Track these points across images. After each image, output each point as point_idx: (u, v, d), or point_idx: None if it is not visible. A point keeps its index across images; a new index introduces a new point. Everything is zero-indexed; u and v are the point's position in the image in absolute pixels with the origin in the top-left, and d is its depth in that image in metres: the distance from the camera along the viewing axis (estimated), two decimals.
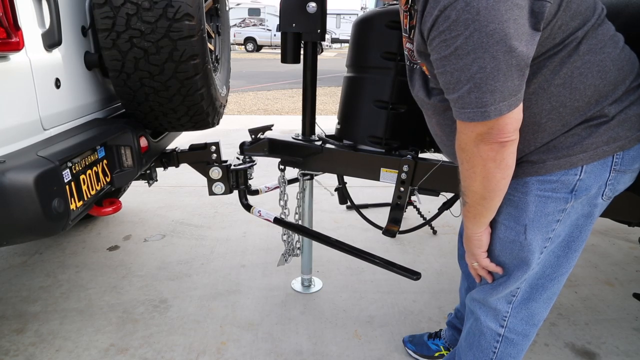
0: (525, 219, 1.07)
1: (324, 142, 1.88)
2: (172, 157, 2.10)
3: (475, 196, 1.03)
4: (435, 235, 2.84)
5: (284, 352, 1.80)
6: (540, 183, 1.04)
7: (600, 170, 1.01)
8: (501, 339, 1.25)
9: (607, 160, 1.00)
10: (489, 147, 0.93)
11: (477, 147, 0.95)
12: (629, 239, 2.84)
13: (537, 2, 0.85)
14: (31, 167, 1.14)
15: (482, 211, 1.07)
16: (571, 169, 1.01)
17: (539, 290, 1.18)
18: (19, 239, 1.22)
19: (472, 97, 0.89)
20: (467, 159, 0.98)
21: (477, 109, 0.89)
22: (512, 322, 1.22)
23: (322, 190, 3.35)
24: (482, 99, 0.88)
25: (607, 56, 0.96)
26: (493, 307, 1.23)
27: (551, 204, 1.05)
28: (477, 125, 0.92)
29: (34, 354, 1.75)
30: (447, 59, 0.89)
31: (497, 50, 0.83)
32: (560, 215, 1.06)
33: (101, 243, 2.66)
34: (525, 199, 1.06)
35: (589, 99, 0.97)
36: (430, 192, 1.80)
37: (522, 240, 1.09)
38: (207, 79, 1.67)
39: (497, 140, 0.92)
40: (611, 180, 1.03)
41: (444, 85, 0.95)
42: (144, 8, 1.43)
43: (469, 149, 0.97)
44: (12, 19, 1.19)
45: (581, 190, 1.03)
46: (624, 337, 1.93)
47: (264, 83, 10.75)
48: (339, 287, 2.26)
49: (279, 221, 1.96)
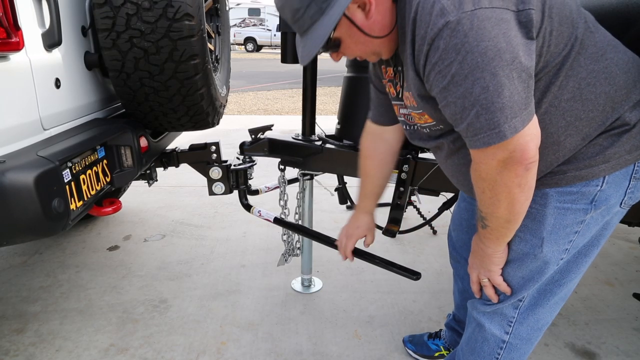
0: (543, 231, 1.04)
1: (324, 142, 1.88)
2: (172, 157, 2.10)
3: (499, 221, 1.00)
4: (435, 235, 2.84)
5: (284, 352, 1.80)
6: (560, 195, 1.00)
7: (621, 179, 0.99)
8: (505, 346, 1.22)
9: (628, 169, 0.98)
10: (514, 173, 0.89)
11: (501, 175, 0.90)
12: (629, 239, 2.84)
13: (522, 12, 0.84)
14: (31, 167, 1.14)
15: (506, 233, 1.03)
16: (593, 179, 0.98)
17: (547, 296, 1.14)
18: (19, 239, 1.22)
19: (482, 120, 0.85)
20: (490, 188, 0.94)
21: (490, 131, 0.85)
22: (518, 329, 1.19)
23: (322, 190, 3.35)
24: (493, 120, 0.84)
25: (610, 62, 0.94)
26: (499, 314, 1.20)
27: (570, 215, 1.01)
28: (497, 150, 0.87)
29: (34, 354, 1.75)
30: (447, 90, 0.87)
31: (494, 66, 0.81)
32: (579, 227, 1.03)
33: (101, 243, 2.66)
34: (543, 211, 1.02)
35: (603, 107, 0.94)
36: (430, 192, 1.81)
37: (538, 253, 1.06)
38: (207, 79, 1.67)
39: (522, 164, 0.88)
40: (631, 188, 1.01)
41: (451, 118, 0.92)
42: (144, 8, 1.43)
43: (490, 178, 0.92)
44: (12, 19, 1.19)
45: (601, 200, 1.00)
46: (624, 337, 1.93)
47: (264, 83, 10.75)
48: (339, 287, 2.26)
49: (279, 221, 1.96)
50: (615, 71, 0.94)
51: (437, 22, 0.83)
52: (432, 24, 0.84)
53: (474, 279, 1.18)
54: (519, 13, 0.84)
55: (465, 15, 0.81)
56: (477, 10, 0.81)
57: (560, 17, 0.90)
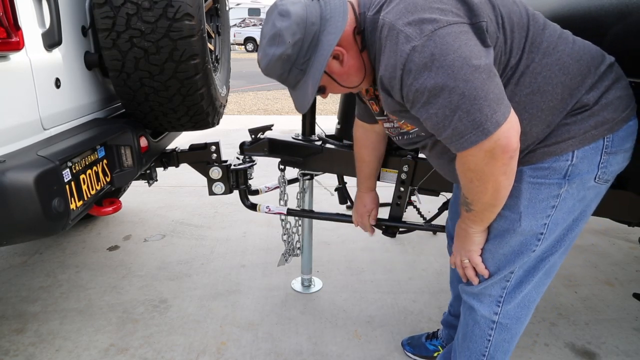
0: (520, 206, 1.09)
1: (324, 142, 1.88)
2: (172, 157, 2.09)
3: (484, 205, 1.07)
4: (435, 235, 2.84)
5: (284, 352, 1.80)
6: (532, 170, 1.07)
7: (592, 154, 1.04)
8: (495, 326, 1.26)
9: (598, 143, 1.04)
10: (500, 162, 0.96)
11: (488, 165, 0.97)
12: (629, 239, 2.84)
13: (475, 25, 0.93)
14: (31, 166, 1.14)
15: (490, 215, 1.11)
16: (562, 154, 1.04)
17: (532, 272, 1.19)
18: (19, 238, 1.22)
19: (465, 122, 0.92)
20: (478, 178, 1.01)
21: (475, 130, 0.92)
22: (506, 308, 1.23)
23: (322, 190, 3.35)
24: (475, 120, 0.91)
25: (562, 53, 1.02)
26: (487, 294, 1.24)
27: (545, 189, 1.07)
28: (483, 144, 0.94)
29: (34, 354, 1.75)
30: (427, 104, 0.95)
31: (464, 73, 0.89)
32: (555, 201, 1.08)
33: (101, 243, 2.66)
34: (519, 187, 1.08)
35: (562, 96, 1.02)
36: (430, 192, 1.81)
37: (517, 227, 1.11)
38: (207, 79, 1.67)
39: (507, 153, 0.95)
40: (603, 162, 1.06)
41: (433, 128, 0.99)
42: (144, 8, 1.42)
43: (479, 169, 0.99)
44: (12, 19, 1.19)
45: (574, 174, 1.05)
46: (624, 337, 1.93)
47: (264, 83, 10.75)
48: (339, 287, 2.26)
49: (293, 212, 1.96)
50: (568, 61, 1.02)
51: (404, 48, 0.92)
52: (400, 52, 0.92)
53: (457, 262, 1.24)
54: (473, 25, 0.93)
55: (428, 37, 0.90)
56: (437, 30, 0.90)
57: (511, 25, 1.00)
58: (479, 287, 1.24)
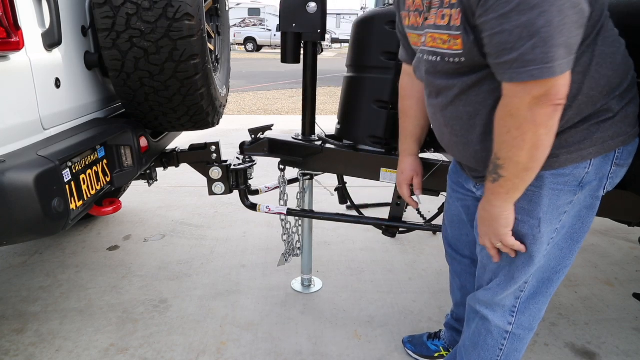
0: (540, 212, 1.08)
1: (324, 142, 1.88)
2: (172, 157, 2.09)
3: (517, 168, 0.98)
4: (435, 235, 2.84)
5: (284, 352, 1.80)
6: (554, 177, 1.06)
7: (604, 163, 1.06)
8: (508, 336, 1.26)
9: (610, 154, 1.06)
10: (544, 110, 0.90)
11: (532, 111, 0.90)
12: (629, 239, 2.84)
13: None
14: (31, 166, 1.14)
15: (519, 185, 1.02)
16: (582, 162, 1.04)
17: (546, 284, 1.20)
18: (19, 238, 1.22)
19: (537, 52, 0.85)
20: (517, 126, 0.93)
21: (542, 64, 0.85)
22: (520, 318, 1.24)
23: (322, 190, 3.34)
24: (549, 54, 0.85)
25: (617, 50, 1.01)
26: (501, 305, 1.24)
27: (563, 196, 1.08)
28: (535, 86, 0.88)
29: (34, 354, 1.75)
30: (506, 17, 0.86)
31: (562, 4, 0.82)
32: (568, 207, 1.10)
33: (101, 243, 2.66)
34: (540, 193, 1.07)
35: (602, 89, 1.00)
36: (430, 192, 1.80)
37: (537, 233, 1.10)
38: (207, 79, 1.67)
39: (554, 103, 0.89)
40: (612, 173, 1.08)
41: (497, 46, 0.89)
42: (144, 8, 1.42)
43: (521, 115, 0.92)
44: (12, 19, 1.19)
45: (587, 182, 1.07)
46: (624, 337, 1.93)
47: (264, 83, 10.75)
48: (339, 287, 2.26)
49: (293, 212, 1.96)
50: (619, 60, 1.01)
51: None
52: None
53: (488, 245, 1.16)
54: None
55: None
56: None
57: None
58: (493, 296, 1.24)
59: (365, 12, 1.92)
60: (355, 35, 1.80)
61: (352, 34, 1.84)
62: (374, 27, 1.72)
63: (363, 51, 1.77)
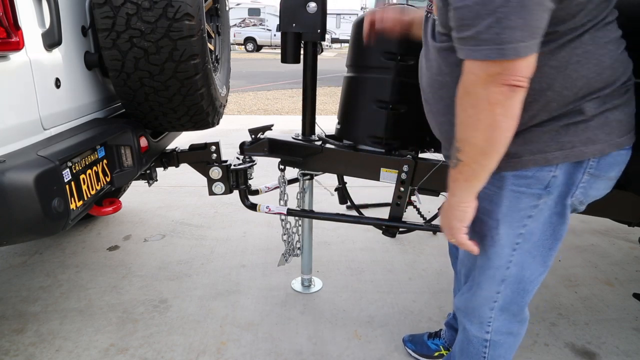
0: (499, 213, 1.07)
1: (324, 142, 1.88)
2: (172, 157, 2.09)
3: (474, 150, 0.94)
4: (435, 235, 2.84)
5: (284, 352, 1.80)
6: (516, 178, 1.03)
7: (574, 171, 1.00)
8: (489, 344, 1.24)
9: (582, 162, 0.99)
10: (499, 89, 0.86)
11: (486, 89, 0.87)
12: (629, 239, 2.84)
13: None
14: (31, 166, 1.14)
15: (478, 171, 0.97)
16: (546, 165, 1.00)
17: (521, 294, 1.16)
18: (19, 238, 1.22)
19: (492, 32, 0.82)
20: (473, 105, 0.90)
21: (494, 46, 0.83)
22: (497, 326, 1.21)
23: (322, 190, 3.34)
24: (502, 35, 0.82)
25: (607, 53, 0.94)
26: (477, 315, 1.23)
27: (525, 199, 1.04)
28: (490, 65, 0.85)
29: (34, 354, 1.75)
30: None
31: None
32: (532, 211, 1.05)
33: (101, 243, 2.66)
34: (500, 194, 1.06)
35: (578, 90, 0.95)
36: (430, 192, 1.81)
37: (495, 235, 1.09)
38: (207, 79, 1.67)
39: (509, 82, 0.85)
40: (583, 183, 1.02)
41: (458, 21, 0.88)
42: (144, 8, 1.42)
43: (476, 92, 0.89)
44: (12, 19, 1.19)
45: (554, 186, 1.02)
46: (624, 337, 1.93)
47: (264, 83, 10.75)
48: (339, 287, 2.26)
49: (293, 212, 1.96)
50: (607, 64, 0.94)
51: None
52: None
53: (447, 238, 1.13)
54: None
55: None
56: None
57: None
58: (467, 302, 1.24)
59: (365, 12, 1.92)
60: (355, 35, 1.80)
61: (352, 34, 1.84)
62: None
63: (363, 51, 1.77)
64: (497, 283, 1.15)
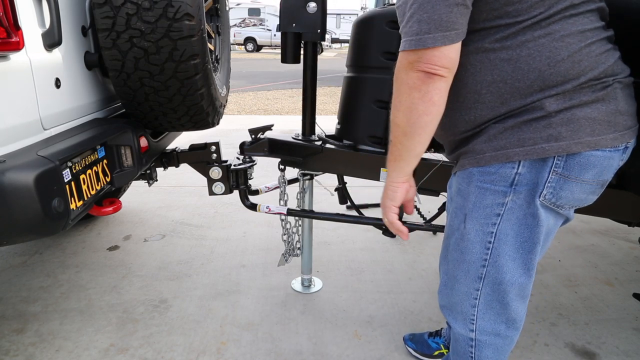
0: (466, 208, 1.10)
1: (324, 142, 1.88)
2: (172, 157, 2.10)
3: (397, 131, 1.03)
4: (435, 235, 2.84)
5: (284, 352, 1.80)
6: (481, 174, 1.05)
7: (539, 168, 0.99)
8: (474, 343, 1.22)
9: (547, 160, 0.98)
10: (416, 74, 0.95)
11: (406, 74, 0.97)
12: (629, 239, 2.84)
13: None
14: (31, 166, 1.14)
15: (402, 152, 1.05)
16: (508, 162, 1.00)
17: (502, 294, 1.13)
18: (19, 238, 1.22)
19: (408, 26, 0.95)
20: (397, 88, 1.01)
21: (409, 37, 0.94)
22: (481, 324, 1.19)
23: (322, 190, 3.34)
24: (413, 28, 0.93)
25: (565, 46, 0.93)
26: (459, 310, 1.21)
27: (490, 195, 1.05)
28: (409, 53, 0.95)
29: (34, 354, 1.75)
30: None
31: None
32: (500, 209, 1.05)
33: (101, 243, 2.66)
34: (467, 189, 1.09)
35: (531, 82, 0.95)
36: (430, 192, 1.81)
37: (462, 229, 1.12)
38: (207, 79, 1.67)
39: (424, 69, 0.94)
40: (551, 182, 0.99)
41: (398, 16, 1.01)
42: (144, 8, 1.43)
43: (399, 77, 0.99)
44: (12, 19, 1.19)
45: (521, 184, 1.01)
46: (624, 337, 1.93)
47: (264, 83, 10.75)
48: (339, 287, 2.26)
49: (293, 212, 1.95)
50: (564, 56, 0.94)
51: None
52: None
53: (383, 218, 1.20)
54: None
55: None
56: None
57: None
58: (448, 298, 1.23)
59: (365, 12, 1.92)
60: (355, 35, 1.81)
61: (352, 34, 1.84)
62: (374, 27, 1.72)
63: (363, 51, 1.77)
64: (473, 279, 1.14)
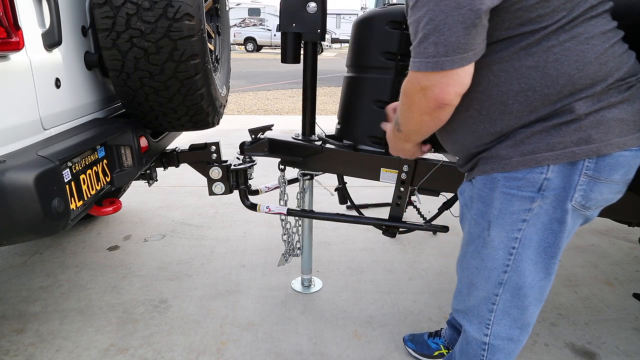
0: (490, 215, 1.07)
1: (324, 142, 1.88)
2: (172, 157, 2.09)
3: (408, 130, 1.13)
4: (435, 235, 2.84)
5: (284, 352, 1.80)
6: (507, 180, 1.02)
7: (569, 172, 0.97)
8: (487, 347, 1.22)
9: (577, 163, 0.96)
10: (427, 104, 0.97)
11: (419, 99, 0.98)
12: (629, 239, 2.84)
13: None
14: (31, 166, 1.14)
15: (415, 137, 1.17)
16: (537, 167, 0.98)
17: (522, 299, 1.13)
18: (19, 238, 1.22)
19: (422, 47, 0.92)
20: (408, 104, 1.03)
21: (423, 59, 0.93)
22: (496, 329, 1.19)
23: (322, 190, 3.34)
24: (428, 50, 0.91)
25: (591, 48, 0.92)
26: (476, 314, 1.20)
27: (516, 202, 1.03)
28: (422, 78, 0.95)
29: (34, 354, 1.75)
30: (411, 10, 0.95)
31: (447, 4, 0.87)
32: (527, 215, 1.03)
33: (101, 243, 2.66)
34: (491, 195, 1.06)
35: (561, 88, 0.94)
36: (430, 192, 1.81)
37: (486, 236, 1.09)
38: (207, 79, 1.67)
39: (437, 102, 0.95)
40: (582, 185, 0.98)
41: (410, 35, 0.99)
42: (144, 8, 1.43)
43: (411, 98, 1.00)
44: (12, 19, 1.19)
45: (549, 189, 0.99)
46: (624, 337, 1.93)
47: (264, 83, 10.75)
48: (339, 287, 2.26)
49: (293, 212, 1.95)
50: (591, 59, 0.92)
51: None
52: None
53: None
54: None
55: None
56: None
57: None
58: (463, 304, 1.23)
59: (365, 12, 1.92)
60: (355, 35, 1.80)
61: (352, 34, 1.84)
62: (374, 27, 1.72)
63: (363, 51, 1.77)
64: (493, 285, 1.13)
